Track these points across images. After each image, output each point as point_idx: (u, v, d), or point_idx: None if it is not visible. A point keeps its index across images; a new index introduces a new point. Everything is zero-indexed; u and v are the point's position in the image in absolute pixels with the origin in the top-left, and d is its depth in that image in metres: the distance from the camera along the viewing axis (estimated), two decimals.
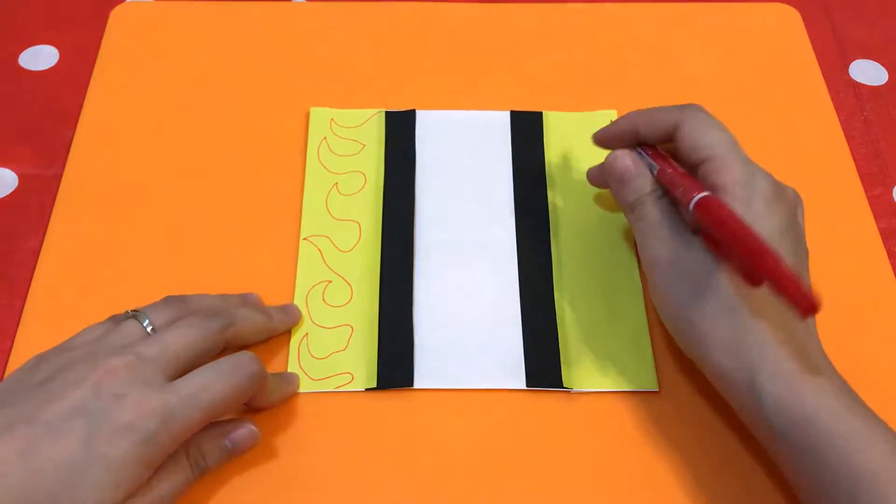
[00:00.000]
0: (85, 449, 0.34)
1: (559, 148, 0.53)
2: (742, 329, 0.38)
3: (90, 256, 0.48)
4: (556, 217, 0.50)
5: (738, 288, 0.38)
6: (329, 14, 0.60)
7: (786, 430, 0.36)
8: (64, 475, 0.34)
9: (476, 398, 0.44)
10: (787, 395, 0.36)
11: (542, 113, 0.55)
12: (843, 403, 0.36)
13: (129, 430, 0.35)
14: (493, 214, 0.50)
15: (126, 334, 0.39)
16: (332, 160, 0.52)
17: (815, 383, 0.36)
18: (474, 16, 0.60)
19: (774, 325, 0.38)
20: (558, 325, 0.46)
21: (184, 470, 0.38)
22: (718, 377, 0.39)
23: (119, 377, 0.36)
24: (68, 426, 0.34)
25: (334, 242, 0.49)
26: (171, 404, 0.36)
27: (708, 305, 0.39)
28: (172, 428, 0.36)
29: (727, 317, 0.38)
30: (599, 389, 0.44)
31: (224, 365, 0.38)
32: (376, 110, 0.54)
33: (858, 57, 0.60)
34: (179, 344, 0.38)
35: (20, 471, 0.33)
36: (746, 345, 0.37)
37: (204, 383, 0.37)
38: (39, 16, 0.60)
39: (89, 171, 0.52)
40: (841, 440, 0.35)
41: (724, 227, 0.38)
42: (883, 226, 0.51)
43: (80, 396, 0.35)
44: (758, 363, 0.37)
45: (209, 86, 0.56)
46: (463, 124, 0.54)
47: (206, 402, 0.37)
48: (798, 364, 0.37)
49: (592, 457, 0.42)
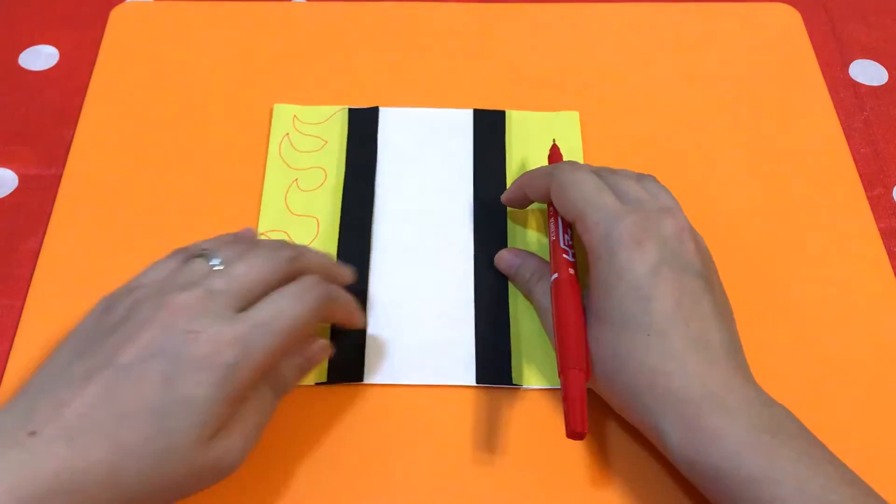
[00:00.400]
0: (167, 390, 0.33)
1: (521, 148, 0.53)
2: (647, 378, 0.37)
3: (90, 256, 0.48)
4: (514, 216, 0.50)
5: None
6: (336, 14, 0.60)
7: (693, 476, 0.36)
8: (151, 418, 0.33)
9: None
10: (691, 447, 0.36)
11: (506, 112, 0.55)
12: (752, 443, 0.35)
13: (208, 367, 0.34)
14: (453, 212, 0.50)
15: (195, 271, 0.38)
16: (293, 156, 0.52)
17: (717, 426, 0.35)
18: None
19: (684, 370, 0.37)
20: (511, 323, 0.46)
21: (266, 397, 0.37)
22: (628, 418, 0.40)
23: (189, 312, 0.35)
24: (145, 368, 0.34)
25: (292, 237, 0.49)
26: (247, 335, 0.35)
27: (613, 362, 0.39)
28: (251, 359, 0.35)
29: (634, 365, 0.38)
30: (548, 386, 0.44)
31: (293, 288, 0.37)
32: (339, 107, 0.54)
33: (858, 57, 0.60)
34: (248, 276, 0.37)
35: (109, 419, 0.33)
36: (651, 395, 0.37)
37: (277, 308, 0.36)
38: (39, 16, 0.60)
39: (89, 171, 0.52)
40: (748, 485, 0.34)
41: (557, 318, 0.40)
42: (883, 226, 0.51)
43: (152, 336, 0.34)
44: (662, 414, 0.36)
45: (209, 86, 0.56)
46: (426, 122, 0.54)
47: (280, 328, 0.36)
48: (701, 408, 0.36)
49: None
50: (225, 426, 0.35)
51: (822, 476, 0.34)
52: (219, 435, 0.35)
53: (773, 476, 0.33)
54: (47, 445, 0.32)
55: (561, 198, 0.42)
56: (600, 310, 0.40)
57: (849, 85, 0.58)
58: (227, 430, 0.35)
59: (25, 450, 0.32)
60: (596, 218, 0.40)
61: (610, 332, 0.39)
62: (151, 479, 0.33)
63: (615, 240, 0.39)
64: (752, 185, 0.52)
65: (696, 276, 0.39)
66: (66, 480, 0.32)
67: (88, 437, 0.32)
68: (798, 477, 0.33)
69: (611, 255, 0.39)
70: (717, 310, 0.39)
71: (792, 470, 0.34)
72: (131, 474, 0.33)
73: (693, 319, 0.38)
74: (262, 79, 0.56)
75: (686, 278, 0.39)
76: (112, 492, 0.33)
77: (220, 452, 0.35)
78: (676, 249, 0.39)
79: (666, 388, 0.37)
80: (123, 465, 0.33)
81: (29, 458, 0.32)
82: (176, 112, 0.54)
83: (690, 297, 0.38)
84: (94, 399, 0.33)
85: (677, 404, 0.36)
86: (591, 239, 0.40)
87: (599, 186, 0.42)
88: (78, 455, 0.32)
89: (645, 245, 0.39)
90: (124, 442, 0.33)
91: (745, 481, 0.33)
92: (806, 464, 0.34)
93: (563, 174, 0.43)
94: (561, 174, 0.43)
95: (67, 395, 0.33)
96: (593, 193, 0.41)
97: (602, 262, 0.39)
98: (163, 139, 0.53)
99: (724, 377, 0.37)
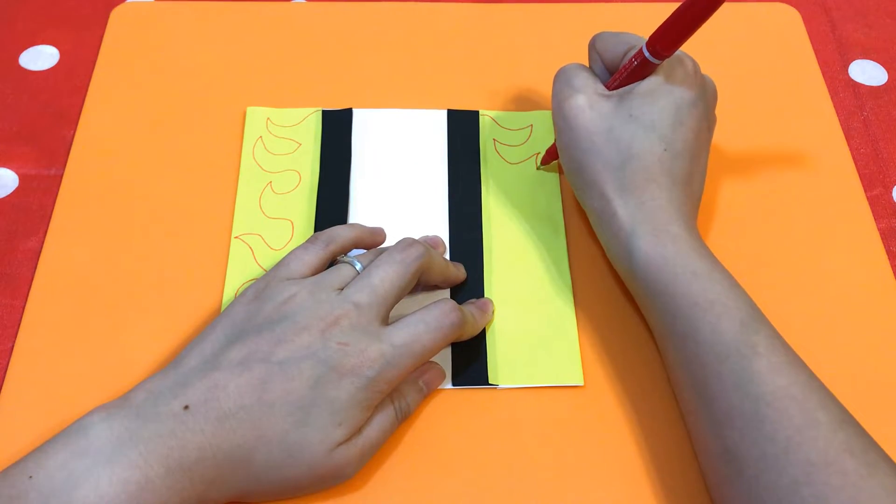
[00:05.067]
0: (313, 390, 0.38)
1: (495, 148, 0.53)
2: (633, 197, 0.43)
3: (90, 256, 0.48)
4: (488, 217, 0.50)
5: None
6: (331, 14, 0.60)
7: (646, 275, 0.41)
8: (292, 413, 0.37)
9: None
10: (653, 251, 0.41)
11: (479, 112, 0.55)
12: (699, 254, 0.41)
13: (353, 375, 0.38)
14: (427, 213, 0.50)
15: (342, 275, 0.42)
16: (267, 159, 0.52)
17: (677, 239, 0.41)
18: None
19: (662, 189, 0.43)
20: (487, 323, 0.46)
21: (390, 415, 0.41)
22: (602, 232, 0.45)
23: (342, 326, 0.39)
24: (299, 368, 0.38)
25: (266, 241, 0.49)
26: (387, 353, 0.39)
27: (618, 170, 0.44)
28: (388, 374, 0.39)
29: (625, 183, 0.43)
30: (525, 385, 0.44)
31: (431, 315, 0.41)
32: (313, 109, 0.54)
33: (858, 57, 0.60)
34: (384, 285, 0.41)
35: (257, 407, 0.37)
36: (633, 213, 0.42)
37: (415, 334, 0.40)
38: (39, 16, 0.60)
39: (89, 171, 0.52)
40: (688, 275, 0.40)
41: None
42: (883, 226, 0.51)
43: (308, 342, 0.38)
44: (639, 227, 0.42)
45: (209, 86, 0.56)
46: (400, 123, 0.54)
47: (416, 352, 0.40)
48: (668, 226, 0.42)
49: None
50: (352, 437, 0.39)
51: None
52: (345, 444, 0.38)
53: (713, 275, 0.40)
54: (199, 422, 0.36)
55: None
56: (634, 108, 0.44)
57: (849, 85, 0.58)
58: (352, 441, 0.39)
59: (181, 422, 0.36)
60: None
61: (635, 125, 0.43)
62: (280, 468, 0.37)
63: (677, 58, 0.45)
64: (752, 184, 0.52)
65: (709, 129, 0.46)
66: (209, 456, 0.36)
67: (236, 421, 0.36)
68: (730, 282, 0.41)
69: (670, 70, 0.44)
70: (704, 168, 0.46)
71: (726, 275, 0.41)
72: (264, 460, 0.37)
73: (697, 164, 0.45)
74: (261, 78, 0.56)
75: (707, 128, 0.46)
76: (243, 472, 0.37)
77: (341, 461, 0.39)
78: (711, 98, 0.46)
79: (654, 205, 0.42)
80: (260, 450, 0.37)
81: (182, 430, 0.36)
82: (176, 112, 0.54)
83: (705, 150, 0.46)
84: (247, 387, 0.37)
85: (657, 210, 0.42)
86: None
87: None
88: (223, 435, 0.36)
89: (697, 78, 0.45)
90: (265, 430, 0.37)
91: (690, 273, 0.40)
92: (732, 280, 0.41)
93: (605, 34, 0.48)
94: (604, 35, 0.48)
95: (222, 379, 0.37)
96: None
97: (661, 72, 0.44)
98: (163, 139, 0.53)
99: (694, 210, 0.45)
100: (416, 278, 0.43)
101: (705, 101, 0.46)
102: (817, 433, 0.36)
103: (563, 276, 0.48)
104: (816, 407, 0.36)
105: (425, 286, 0.47)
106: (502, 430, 0.43)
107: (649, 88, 0.44)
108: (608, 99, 0.45)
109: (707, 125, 0.46)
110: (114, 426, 0.35)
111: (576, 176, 0.45)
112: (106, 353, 0.45)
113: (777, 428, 0.36)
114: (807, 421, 0.36)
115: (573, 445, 0.43)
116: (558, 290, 0.48)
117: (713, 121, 0.47)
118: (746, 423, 0.37)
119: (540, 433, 0.43)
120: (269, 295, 0.41)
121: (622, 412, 0.44)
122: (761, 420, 0.36)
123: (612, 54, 0.47)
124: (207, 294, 0.47)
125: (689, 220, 0.43)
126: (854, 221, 0.51)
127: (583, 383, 0.44)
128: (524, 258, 0.49)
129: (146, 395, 0.37)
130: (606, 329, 0.46)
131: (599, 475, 0.42)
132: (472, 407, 0.44)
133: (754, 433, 0.36)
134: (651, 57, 0.43)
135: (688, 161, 0.44)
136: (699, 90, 0.45)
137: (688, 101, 0.44)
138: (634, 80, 0.45)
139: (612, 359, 0.45)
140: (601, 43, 0.48)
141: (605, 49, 0.47)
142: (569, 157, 0.45)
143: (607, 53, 0.47)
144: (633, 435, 0.43)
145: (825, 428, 0.36)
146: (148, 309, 0.46)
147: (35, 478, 0.34)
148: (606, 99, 0.45)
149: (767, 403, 0.36)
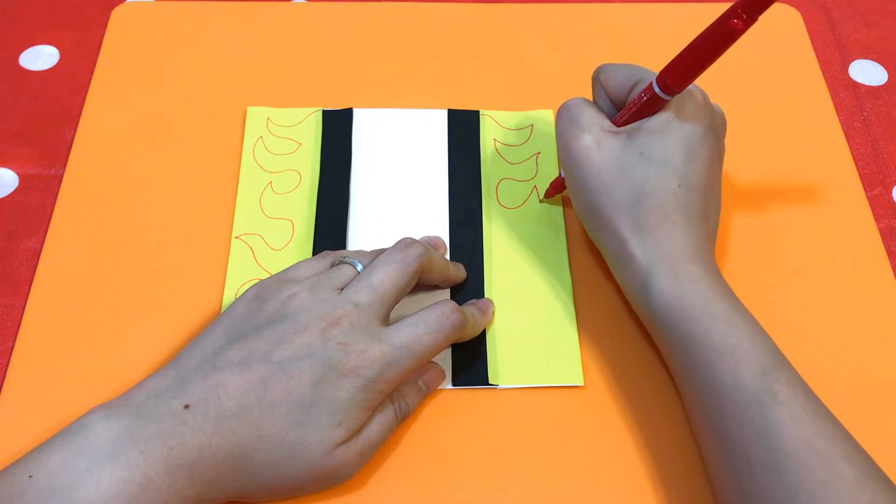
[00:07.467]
0: (313, 390, 0.38)
1: (495, 148, 0.53)
2: (647, 235, 0.42)
3: (90, 256, 0.48)
4: (488, 217, 0.50)
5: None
6: (331, 14, 0.60)
7: (665, 317, 0.40)
8: (292, 413, 0.37)
9: None
10: (671, 292, 0.40)
11: (480, 112, 0.55)
12: (719, 295, 0.40)
13: (353, 376, 0.38)
14: (427, 213, 0.50)
15: (343, 274, 0.42)
16: (267, 159, 0.52)
17: (696, 280, 0.40)
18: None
19: (678, 226, 0.42)
20: (487, 323, 0.46)
21: (390, 415, 0.41)
22: (618, 273, 0.44)
23: (342, 326, 0.39)
24: (299, 368, 0.38)
25: (266, 241, 0.49)
26: (388, 353, 0.39)
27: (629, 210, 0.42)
28: (388, 375, 0.39)
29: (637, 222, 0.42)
30: (526, 385, 0.44)
31: (431, 316, 0.41)
32: (313, 109, 0.54)
33: (858, 57, 0.60)
34: (384, 284, 0.41)
35: (257, 407, 0.37)
36: (650, 253, 0.41)
37: (416, 335, 0.40)
38: (39, 16, 0.60)
39: (89, 171, 0.52)
40: (707, 319, 0.39)
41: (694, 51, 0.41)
42: (883, 226, 0.51)
43: (308, 341, 0.38)
44: (656, 268, 0.41)
45: (209, 86, 0.56)
46: (400, 123, 0.54)
47: (416, 352, 0.40)
48: (687, 265, 0.41)
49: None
50: (351, 437, 0.39)
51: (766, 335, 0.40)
52: (344, 444, 0.38)
53: (733, 318, 0.39)
54: (199, 421, 0.36)
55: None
56: (645, 146, 0.43)
57: (849, 85, 0.58)
58: (352, 441, 0.39)
59: (181, 421, 0.36)
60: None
61: (647, 163, 0.42)
62: (280, 468, 0.37)
63: (687, 91, 0.44)
64: (752, 184, 0.52)
65: (720, 160, 0.46)
66: (209, 456, 0.36)
67: (236, 421, 0.37)
68: (752, 326, 0.39)
69: (680, 104, 0.43)
70: (718, 197, 0.45)
71: (747, 318, 0.40)
72: (264, 460, 0.37)
73: (712, 198, 0.44)
74: (261, 78, 0.56)
75: (719, 159, 0.45)
76: (243, 471, 0.37)
77: (340, 461, 0.39)
78: (721, 128, 0.46)
79: (672, 243, 0.41)
80: (259, 450, 0.37)
81: (182, 429, 0.36)
82: (176, 112, 0.54)
83: (718, 182, 0.45)
84: (248, 387, 0.37)
85: (674, 249, 0.41)
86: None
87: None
88: (223, 434, 0.36)
89: (707, 109, 0.44)
90: (265, 430, 0.37)
91: (710, 316, 0.39)
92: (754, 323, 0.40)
93: (610, 66, 0.47)
94: (608, 67, 0.47)
95: (222, 378, 0.37)
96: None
97: (671, 107, 0.43)
98: (163, 139, 0.53)
99: (711, 244, 0.43)
100: (416, 278, 0.43)
101: (715, 132, 0.44)
102: (841, 489, 0.34)
103: (563, 277, 0.48)
104: (841, 459, 0.35)
105: (425, 286, 0.47)
106: (502, 430, 0.43)
107: (659, 125, 0.43)
108: (616, 136, 0.43)
109: (718, 156, 0.45)
110: (114, 425, 0.35)
111: (588, 216, 0.44)
112: (106, 353, 0.45)
113: (799, 480, 0.34)
114: (831, 475, 0.34)
115: (573, 446, 0.43)
116: (558, 291, 0.48)
117: (723, 151, 0.46)
118: (767, 474, 0.35)
119: (540, 433, 0.43)
120: (270, 295, 0.41)
121: (622, 412, 0.44)
122: (781, 471, 0.35)
123: (618, 87, 0.45)
124: (207, 294, 0.47)
125: (707, 256, 0.42)
126: (854, 221, 0.51)
127: (583, 384, 0.44)
128: (524, 258, 0.49)
129: (146, 394, 0.37)
130: (606, 329, 0.46)
131: (599, 475, 0.42)
132: (472, 407, 0.44)
133: (775, 485, 0.35)
134: (661, 93, 0.42)
135: (702, 195, 0.42)
136: (709, 122, 0.44)
137: (699, 135, 0.43)
138: (644, 115, 0.43)
139: (612, 359, 0.45)
140: (605, 75, 0.46)
141: (610, 82, 0.46)
142: (580, 199, 0.44)
143: (613, 86, 0.46)
144: (633, 435, 0.43)
145: (850, 483, 0.34)
146: (148, 309, 0.46)
147: (35, 477, 0.34)
148: (615, 136, 0.43)
149: (788, 454, 0.35)
